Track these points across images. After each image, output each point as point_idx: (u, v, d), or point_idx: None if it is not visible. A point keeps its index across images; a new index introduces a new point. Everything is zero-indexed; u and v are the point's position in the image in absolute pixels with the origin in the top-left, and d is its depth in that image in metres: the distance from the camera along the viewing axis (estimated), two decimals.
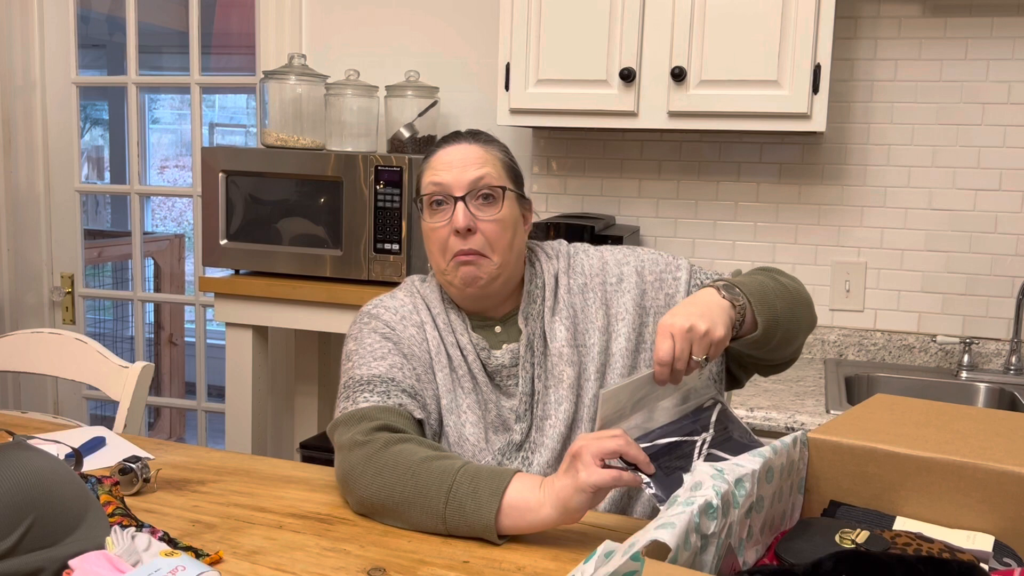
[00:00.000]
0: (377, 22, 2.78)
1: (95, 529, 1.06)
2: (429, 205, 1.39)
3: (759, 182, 2.51)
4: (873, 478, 1.08)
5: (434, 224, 1.39)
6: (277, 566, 1.13)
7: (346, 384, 1.39)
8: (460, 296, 1.44)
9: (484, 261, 1.38)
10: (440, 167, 1.39)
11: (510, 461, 1.38)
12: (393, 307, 1.46)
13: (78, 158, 3.20)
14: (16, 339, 2.05)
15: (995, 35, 2.30)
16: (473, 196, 1.37)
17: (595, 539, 1.24)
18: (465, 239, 1.37)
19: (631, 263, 1.48)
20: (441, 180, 1.38)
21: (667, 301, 1.46)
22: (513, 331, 1.45)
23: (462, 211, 1.36)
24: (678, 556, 0.82)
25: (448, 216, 1.37)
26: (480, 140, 1.43)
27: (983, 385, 2.27)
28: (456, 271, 1.39)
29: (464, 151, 1.40)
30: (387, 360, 1.38)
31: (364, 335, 1.43)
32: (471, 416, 1.40)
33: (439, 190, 1.38)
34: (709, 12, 2.18)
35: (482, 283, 1.40)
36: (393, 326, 1.43)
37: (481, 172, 1.38)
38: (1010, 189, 2.34)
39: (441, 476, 1.21)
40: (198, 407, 3.15)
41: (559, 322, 1.43)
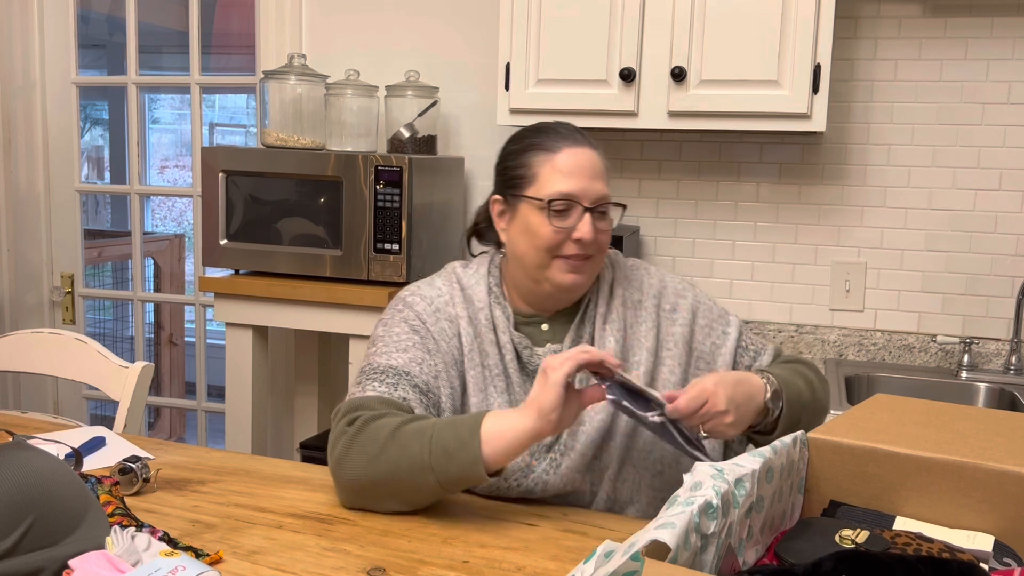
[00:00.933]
0: (377, 22, 2.78)
1: (95, 529, 1.06)
2: (551, 208, 1.37)
3: (759, 182, 2.51)
4: (873, 478, 1.08)
5: (556, 226, 1.37)
6: (277, 566, 1.13)
7: (363, 370, 1.40)
8: (537, 293, 1.43)
9: (589, 266, 1.40)
10: (568, 171, 1.37)
11: (538, 462, 1.37)
12: (430, 297, 1.45)
13: (78, 158, 3.20)
14: (16, 339, 2.05)
15: (995, 35, 2.30)
16: (596, 209, 1.38)
17: (595, 539, 1.24)
18: (582, 246, 1.37)
19: (688, 299, 1.50)
20: (572, 191, 1.36)
21: (712, 350, 1.49)
22: (560, 331, 1.45)
23: (590, 223, 1.36)
24: (678, 556, 0.82)
25: (570, 222, 1.36)
26: (595, 145, 1.43)
27: (983, 385, 2.27)
28: (562, 275, 1.38)
29: (590, 159, 1.40)
30: (408, 353, 1.38)
31: (394, 323, 1.43)
32: (494, 408, 1.39)
33: (569, 200, 1.36)
34: (709, 12, 2.18)
35: (579, 290, 1.41)
36: (424, 319, 1.42)
37: (606, 187, 1.40)
38: (1010, 189, 2.34)
39: (419, 432, 1.24)
40: (198, 407, 3.15)
41: (610, 332, 1.43)
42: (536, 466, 1.37)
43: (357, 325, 2.36)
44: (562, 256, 1.37)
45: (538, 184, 1.38)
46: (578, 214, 1.36)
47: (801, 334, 2.49)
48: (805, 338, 2.49)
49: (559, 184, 1.37)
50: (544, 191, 1.37)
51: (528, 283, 1.42)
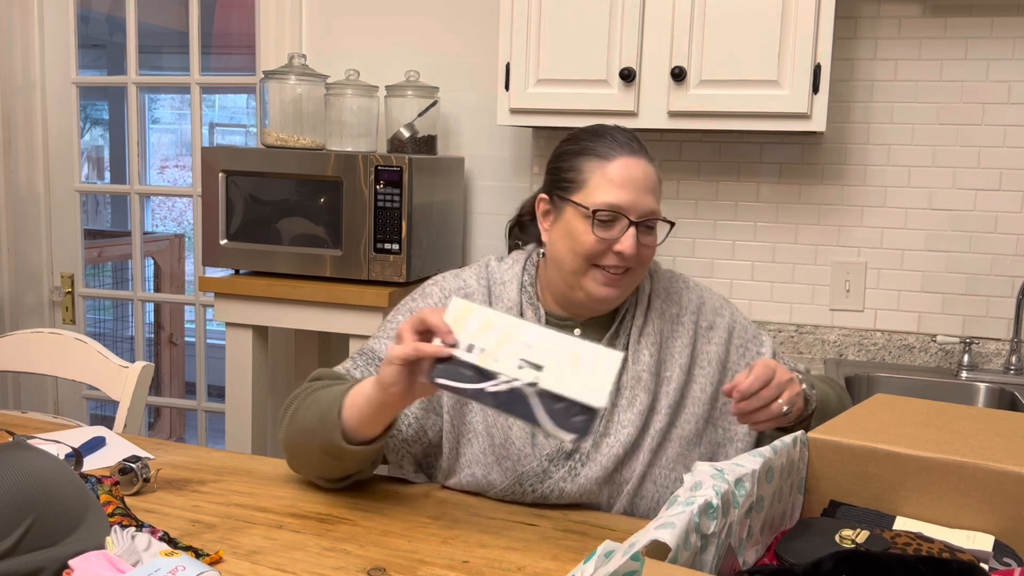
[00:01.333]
0: (377, 22, 2.78)
1: (95, 529, 1.06)
2: (596, 218, 1.32)
3: (759, 182, 2.51)
4: (873, 478, 1.08)
5: (598, 235, 1.33)
6: (277, 566, 1.13)
7: (361, 349, 1.41)
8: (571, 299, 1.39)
9: (627, 280, 1.36)
10: (619, 182, 1.33)
11: (556, 468, 1.35)
12: (451, 289, 1.42)
13: (78, 158, 3.20)
14: (16, 339, 2.05)
15: (995, 35, 2.30)
16: (643, 224, 1.35)
17: (595, 539, 1.24)
18: (622, 259, 1.34)
19: (725, 317, 1.48)
20: (620, 203, 1.32)
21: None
22: (592, 338, 1.38)
23: (633, 237, 1.32)
24: (678, 556, 0.82)
25: (613, 233, 1.33)
26: (649, 155, 1.38)
27: (983, 385, 2.27)
28: (597, 286, 1.35)
29: (644, 170, 1.35)
30: None
31: (403, 310, 1.43)
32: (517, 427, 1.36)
33: (615, 212, 1.32)
34: (709, 12, 2.18)
35: (613, 303, 1.38)
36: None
37: (656, 202, 1.35)
38: (1010, 189, 2.34)
39: (317, 399, 1.27)
40: (198, 407, 3.15)
41: (645, 346, 1.40)
42: (553, 471, 1.35)
43: (357, 325, 2.36)
44: (600, 266, 1.34)
45: (586, 191, 1.34)
46: (623, 227, 1.33)
47: (801, 334, 2.49)
48: (805, 338, 2.49)
49: (608, 194, 1.32)
50: (591, 199, 1.33)
51: (563, 287, 1.39)
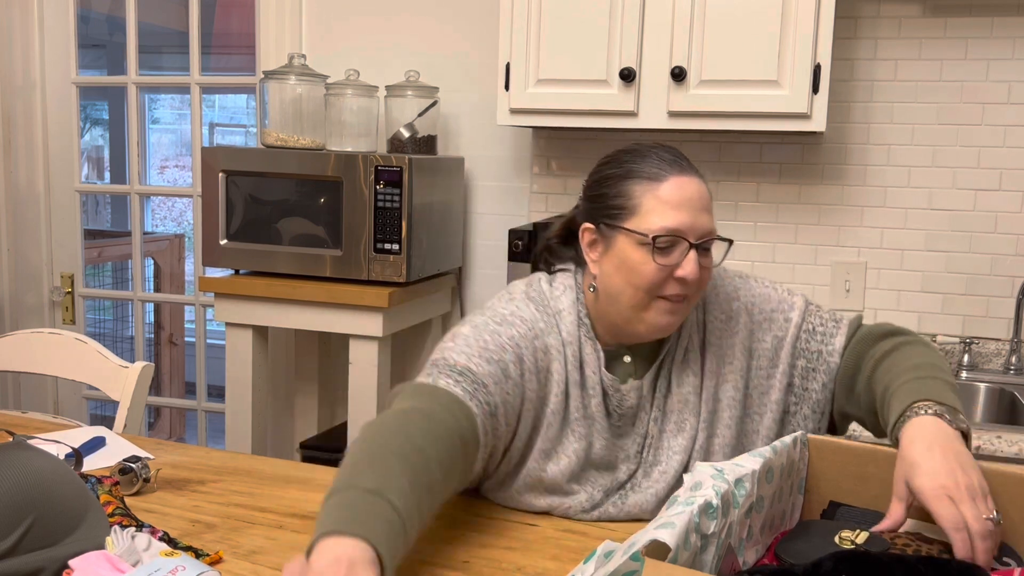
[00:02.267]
0: (377, 22, 2.78)
1: (95, 529, 1.06)
2: (655, 244, 1.23)
3: (759, 182, 2.51)
4: (873, 478, 1.08)
5: (659, 263, 1.24)
6: (277, 566, 1.13)
7: (435, 361, 1.26)
8: (627, 331, 1.31)
9: (686, 307, 1.29)
10: (675, 203, 1.24)
11: (607, 498, 1.31)
12: (529, 321, 1.31)
13: (78, 158, 3.20)
14: (16, 339, 2.05)
15: (995, 35, 2.30)
16: (701, 245, 1.26)
17: (595, 539, 1.24)
18: (684, 285, 1.25)
19: (741, 299, 1.38)
20: (679, 226, 1.23)
21: (775, 345, 1.37)
22: (641, 365, 1.35)
23: (695, 261, 1.24)
24: (678, 556, 0.82)
25: (673, 259, 1.24)
26: (699, 172, 1.30)
27: (983, 385, 2.27)
28: (659, 317, 1.27)
29: (697, 190, 1.26)
30: (492, 366, 1.24)
31: (486, 330, 1.28)
32: (566, 462, 1.29)
33: (675, 236, 1.23)
34: (709, 12, 2.18)
35: (672, 330, 1.30)
36: (521, 346, 1.28)
37: (712, 221, 1.27)
38: (1010, 189, 2.34)
39: (351, 476, 1.04)
40: (198, 407, 3.15)
41: (689, 366, 1.33)
42: (604, 501, 1.31)
43: (357, 325, 2.36)
44: (662, 296, 1.26)
45: (640, 216, 1.25)
46: (682, 251, 1.24)
47: None
48: None
49: (664, 218, 1.23)
50: (647, 225, 1.24)
51: (618, 320, 1.30)
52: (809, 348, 1.37)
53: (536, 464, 1.29)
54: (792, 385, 1.37)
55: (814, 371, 1.37)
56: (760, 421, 1.36)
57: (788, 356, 1.36)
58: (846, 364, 1.36)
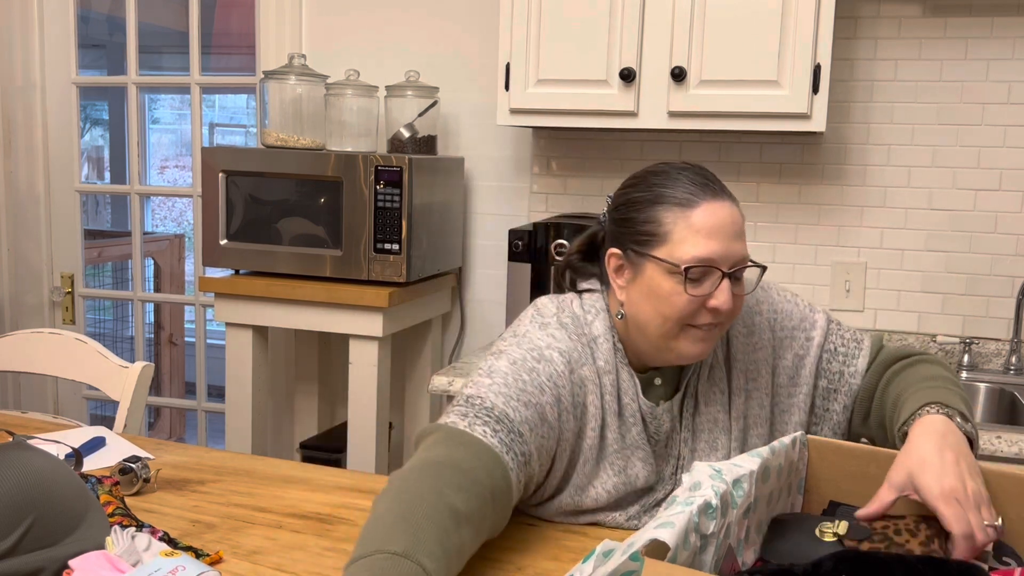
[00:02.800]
0: (377, 22, 2.78)
1: (95, 529, 1.06)
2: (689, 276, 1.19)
3: (759, 182, 2.51)
4: (873, 478, 1.08)
5: (692, 294, 1.19)
6: (277, 566, 1.13)
7: (471, 399, 1.18)
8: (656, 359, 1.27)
9: (717, 335, 1.24)
10: (707, 231, 1.19)
11: (647, 515, 1.28)
12: (567, 353, 1.25)
13: (78, 158, 3.20)
14: (16, 339, 2.05)
15: (995, 35, 2.30)
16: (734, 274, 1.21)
17: (595, 539, 1.24)
18: (716, 315, 1.21)
19: (764, 312, 1.34)
20: (712, 255, 1.18)
21: (796, 364, 1.33)
22: (669, 385, 1.31)
23: (728, 291, 1.19)
24: (677, 556, 0.82)
25: (705, 289, 1.19)
26: (731, 196, 1.25)
27: (983, 385, 2.27)
28: (691, 346, 1.22)
29: (731, 216, 1.21)
30: (530, 410, 1.19)
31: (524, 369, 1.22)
32: (607, 487, 1.26)
33: (707, 267, 1.19)
34: (709, 12, 2.18)
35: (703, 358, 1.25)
36: (559, 384, 1.23)
37: (745, 247, 1.22)
38: (1010, 189, 2.33)
39: (387, 530, 0.99)
40: (198, 407, 3.15)
41: (715, 384, 1.30)
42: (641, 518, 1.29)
43: (357, 325, 2.36)
44: (693, 325, 1.21)
45: (671, 244, 1.20)
46: (715, 280, 1.19)
47: None
48: None
49: (697, 247, 1.18)
50: (677, 254, 1.19)
51: (648, 348, 1.26)
52: (831, 369, 1.35)
53: (571, 498, 1.26)
54: (814, 406, 1.35)
55: (835, 392, 1.35)
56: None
57: (811, 376, 1.34)
58: (866, 385, 1.34)
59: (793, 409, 1.33)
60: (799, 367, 1.34)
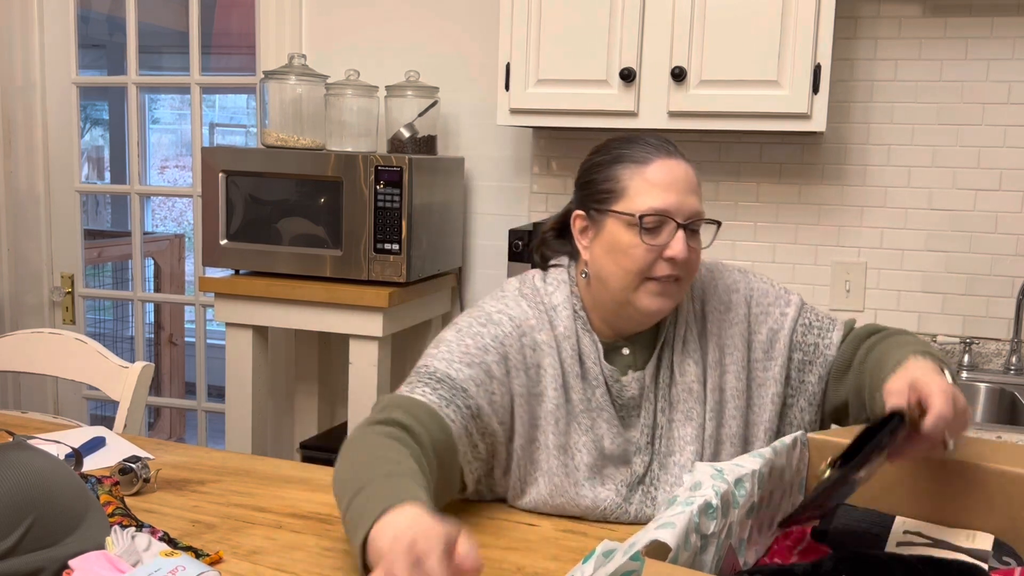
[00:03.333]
0: (377, 22, 2.78)
1: (95, 529, 1.06)
2: (643, 224, 1.25)
3: (759, 182, 2.51)
4: (873, 478, 1.08)
5: (647, 243, 1.25)
6: (277, 566, 1.13)
7: (418, 369, 1.29)
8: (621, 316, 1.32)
9: (677, 289, 1.29)
10: (661, 185, 1.26)
11: (632, 493, 1.31)
12: (517, 319, 1.32)
13: (78, 158, 3.20)
14: (16, 339, 2.05)
15: (995, 35, 2.30)
16: (690, 226, 1.27)
17: (595, 539, 1.24)
18: (674, 266, 1.27)
19: (741, 291, 1.39)
20: (665, 206, 1.25)
21: (770, 337, 1.37)
22: (641, 356, 1.35)
23: (683, 240, 1.25)
24: (678, 556, 0.82)
25: (661, 240, 1.26)
26: (686, 157, 1.32)
27: (983, 385, 2.27)
28: (649, 299, 1.28)
29: (684, 172, 1.28)
30: (473, 369, 1.27)
31: (469, 333, 1.31)
32: (585, 456, 1.30)
33: (662, 216, 1.25)
34: (709, 12, 2.17)
35: (663, 315, 1.31)
36: (506, 344, 1.30)
37: (700, 203, 1.29)
38: (1010, 189, 2.33)
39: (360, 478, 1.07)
40: (198, 407, 3.15)
41: (690, 355, 1.34)
42: (632, 498, 1.31)
43: (357, 325, 2.36)
44: (652, 278, 1.27)
45: (628, 198, 1.27)
46: (670, 231, 1.25)
47: None
48: None
49: (651, 198, 1.26)
50: (635, 206, 1.26)
51: (611, 306, 1.31)
52: (806, 341, 1.39)
53: (556, 461, 1.30)
54: (789, 378, 1.39)
55: (811, 364, 1.39)
56: (761, 414, 1.36)
57: (785, 349, 1.38)
58: (841, 355, 1.38)
59: (769, 382, 1.37)
60: (774, 341, 1.38)
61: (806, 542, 1.06)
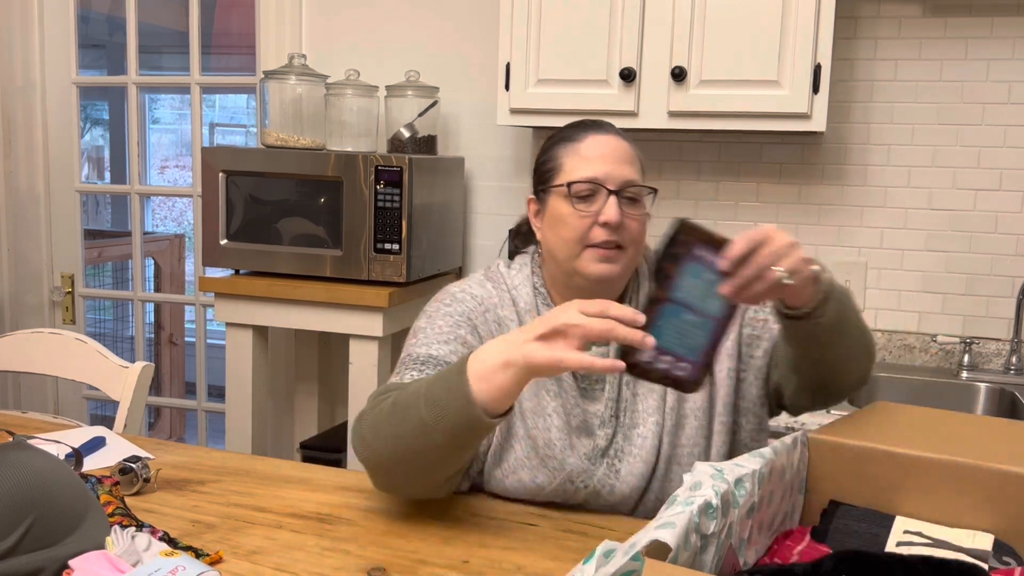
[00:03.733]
0: (377, 22, 2.78)
1: (95, 529, 1.06)
2: (575, 195, 1.33)
3: (759, 182, 2.51)
4: (873, 478, 1.08)
5: (579, 211, 1.33)
6: (277, 566, 1.13)
7: (403, 360, 1.37)
8: (573, 287, 1.38)
9: (622, 256, 1.35)
10: (592, 158, 1.35)
11: (596, 467, 1.34)
12: (480, 296, 1.42)
13: (78, 158, 3.20)
14: (16, 339, 2.05)
15: (995, 35, 2.30)
16: (623, 194, 1.34)
17: (595, 539, 1.24)
18: (610, 231, 1.32)
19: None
20: (595, 175, 1.33)
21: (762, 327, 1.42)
22: None
23: (615, 205, 1.32)
24: (678, 556, 0.82)
25: (595, 207, 1.33)
26: (624, 135, 1.40)
27: (983, 385, 2.27)
28: (593, 265, 1.34)
29: (616, 144, 1.37)
30: (450, 345, 1.36)
31: (439, 316, 1.40)
32: (556, 420, 1.35)
33: (593, 184, 1.33)
34: (709, 12, 2.18)
35: (614, 280, 1.36)
36: (473, 318, 1.40)
37: (634, 172, 1.35)
38: (1010, 189, 2.34)
39: (414, 394, 1.19)
40: (198, 407, 3.15)
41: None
42: (595, 470, 1.34)
43: (357, 325, 2.36)
44: (592, 245, 1.33)
45: (563, 173, 1.37)
46: (603, 198, 1.33)
47: None
48: None
49: (583, 170, 1.34)
50: (567, 178, 1.35)
51: (563, 278, 1.39)
52: (757, 318, 1.43)
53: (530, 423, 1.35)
54: (741, 353, 1.43)
55: (758, 338, 1.43)
56: (719, 388, 1.40)
57: (737, 325, 1.42)
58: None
59: (723, 357, 1.40)
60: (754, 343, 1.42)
61: (806, 542, 1.07)
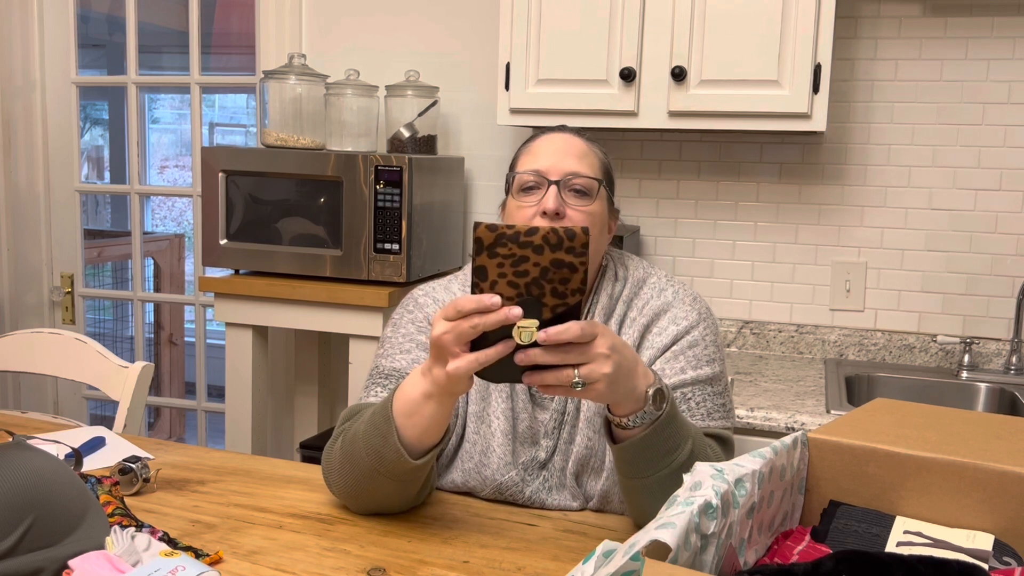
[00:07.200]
0: (377, 22, 2.78)
1: (95, 529, 1.06)
2: (520, 188, 1.35)
3: (759, 182, 2.51)
4: (873, 478, 1.08)
5: (520, 203, 1.34)
6: (277, 566, 1.13)
7: (370, 373, 1.42)
8: None
9: None
10: (540, 153, 1.36)
11: (533, 478, 1.34)
12: (442, 300, 1.44)
13: (78, 158, 3.20)
14: (16, 339, 2.05)
15: (995, 35, 2.30)
16: (567, 185, 1.33)
17: (595, 539, 1.24)
18: (551, 221, 1.31)
19: (682, 326, 1.37)
20: (539, 166, 1.34)
21: (649, 354, 1.37)
22: None
23: (554, 194, 1.31)
24: (678, 556, 0.82)
25: (536, 197, 1.33)
26: (584, 136, 1.42)
27: (983, 385, 2.27)
28: None
29: (567, 141, 1.38)
30: (411, 354, 1.38)
31: (402, 324, 1.44)
32: (502, 424, 1.34)
33: (535, 176, 1.33)
34: (709, 12, 2.17)
35: None
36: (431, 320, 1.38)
37: (582, 166, 1.35)
38: (1010, 189, 2.34)
39: (354, 435, 1.24)
40: (198, 407, 3.15)
41: None
42: (531, 481, 1.34)
43: (357, 325, 2.36)
44: None
45: (513, 168, 1.40)
46: (545, 189, 1.32)
47: (801, 334, 2.49)
48: (805, 338, 2.49)
49: (527, 164, 1.36)
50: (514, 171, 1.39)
51: None
52: (661, 369, 1.37)
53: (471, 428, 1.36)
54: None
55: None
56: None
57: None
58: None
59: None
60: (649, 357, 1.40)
61: (806, 542, 1.06)
